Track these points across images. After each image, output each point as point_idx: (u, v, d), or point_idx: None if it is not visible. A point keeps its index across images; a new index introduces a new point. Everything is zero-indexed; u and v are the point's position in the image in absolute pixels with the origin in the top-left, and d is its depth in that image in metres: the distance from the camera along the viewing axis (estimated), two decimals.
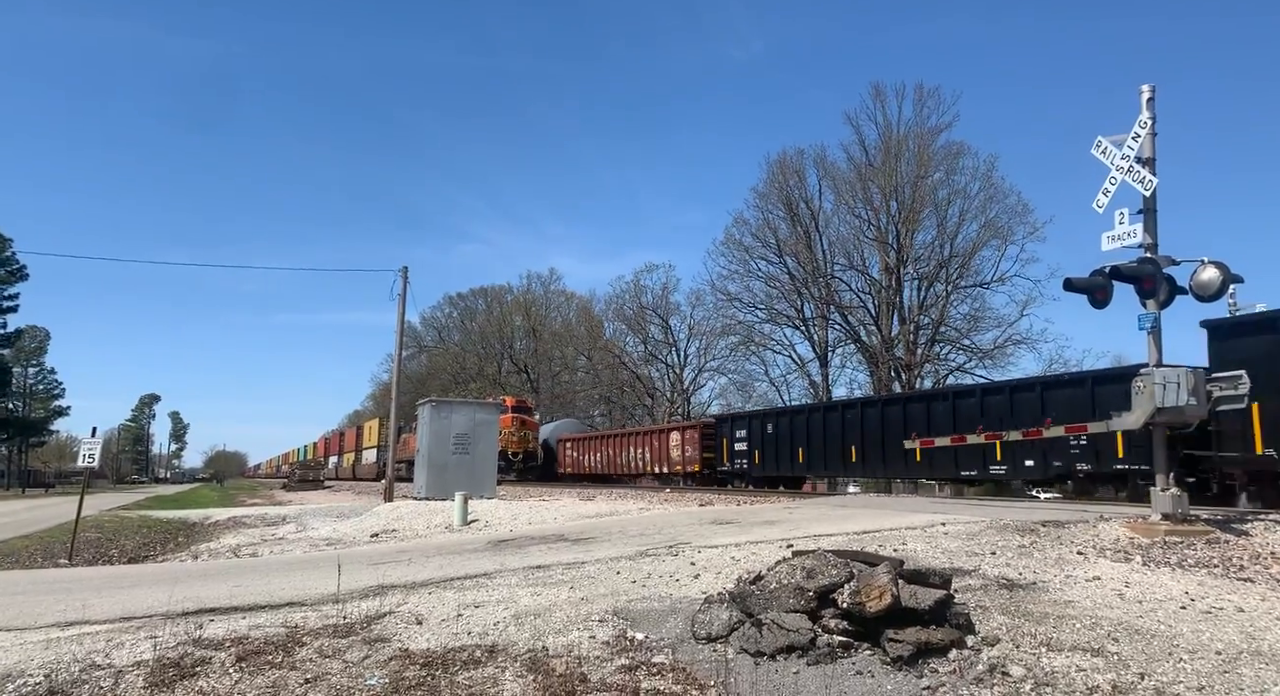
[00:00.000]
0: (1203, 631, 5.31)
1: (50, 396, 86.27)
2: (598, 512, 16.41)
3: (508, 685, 4.63)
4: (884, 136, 42.42)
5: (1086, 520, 9.34)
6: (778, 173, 45.17)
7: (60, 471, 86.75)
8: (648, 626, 5.79)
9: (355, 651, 5.36)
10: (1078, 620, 5.48)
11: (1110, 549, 8.02)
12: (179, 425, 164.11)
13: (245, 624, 6.30)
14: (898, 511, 11.72)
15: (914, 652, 4.74)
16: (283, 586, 8.11)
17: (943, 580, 5.30)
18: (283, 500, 37.94)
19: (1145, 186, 9.33)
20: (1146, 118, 9.47)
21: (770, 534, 9.77)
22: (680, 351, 56.22)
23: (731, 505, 16.05)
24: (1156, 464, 9.39)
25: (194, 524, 23.07)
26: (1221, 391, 9.05)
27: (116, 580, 9.74)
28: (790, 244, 44.45)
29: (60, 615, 6.93)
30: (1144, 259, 9.35)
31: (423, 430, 24.10)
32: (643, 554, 8.87)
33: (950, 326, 41.03)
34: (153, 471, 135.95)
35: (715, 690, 4.50)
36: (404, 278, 29.60)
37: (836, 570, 5.24)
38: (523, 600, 6.78)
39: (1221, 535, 8.42)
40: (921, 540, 8.54)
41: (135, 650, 5.56)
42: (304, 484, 51.25)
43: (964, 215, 40.29)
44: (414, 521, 17.73)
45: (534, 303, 69.57)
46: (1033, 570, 7.04)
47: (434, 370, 72.39)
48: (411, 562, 9.60)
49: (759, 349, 47.25)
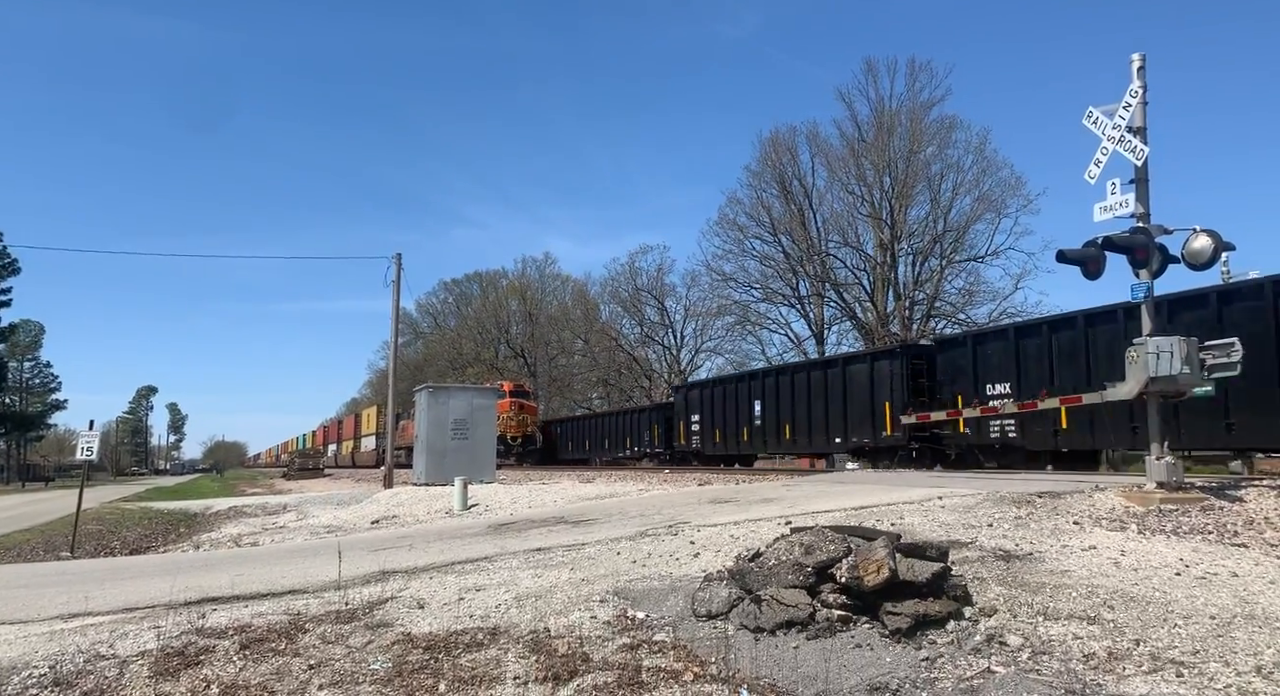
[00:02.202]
0: (1197, 597, 5.36)
1: (47, 390, 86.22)
2: (597, 494, 16.47)
3: (510, 666, 4.67)
4: (876, 112, 42.28)
5: (1082, 490, 9.40)
6: (770, 151, 45.05)
7: (59, 465, 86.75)
8: (648, 605, 5.83)
9: (358, 637, 5.40)
10: (1074, 589, 5.53)
11: (1106, 518, 8.08)
12: (177, 416, 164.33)
13: (248, 612, 6.33)
14: (895, 486, 11.78)
15: (912, 625, 4.79)
16: (284, 574, 8.15)
17: (939, 553, 5.34)
18: (283, 489, 38.03)
19: (1136, 156, 9.31)
20: (1137, 87, 9.42)
21: (769, 511, 9.82)
22: (677, 332, 56.31)
23: (730, 484, 16.12)
24: (1151, 433, 9.44)
25: (195, 514, 23.14)
26: (1214, 359, 9.08)
27: (119, 571, 9.77)
28: (784, 222, 44.37)
29: (63, 607, 6.96)
30: (1136, 229, 9.34)
31: (420, 416, 24.12)
32: (642, 534, 8.92)
33: (945, 301, 41.12)
34: (152, 463, 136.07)
35: (716, 666, 4.54)
36: (398, 264, 29.53)
37: (834, 545, 5.27)
38: (524, 582, 6.82)
39: (1216, 502, 8.48)
40: (919, 514, 8.59)
41: (139, 640, 5.59)
42: (304, 472, 51.41)
43: (957, 189, 40.27)
44: (414, 507, 17.79)
45: (529, 286, 69.43)
46: (1029, 541, 7.09)
47: (431, 356, 72.34)
48: (412, 548, 9.64)
49: (755, 328, 47.36)
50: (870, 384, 21.17)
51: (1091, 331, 15.91)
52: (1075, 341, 16.18)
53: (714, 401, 27.99)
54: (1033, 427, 16.92)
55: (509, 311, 69.71)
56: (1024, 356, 17.40)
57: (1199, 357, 9.04)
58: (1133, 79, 9.47)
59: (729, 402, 27.10)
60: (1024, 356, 17.40)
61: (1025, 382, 17.13)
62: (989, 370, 18.26)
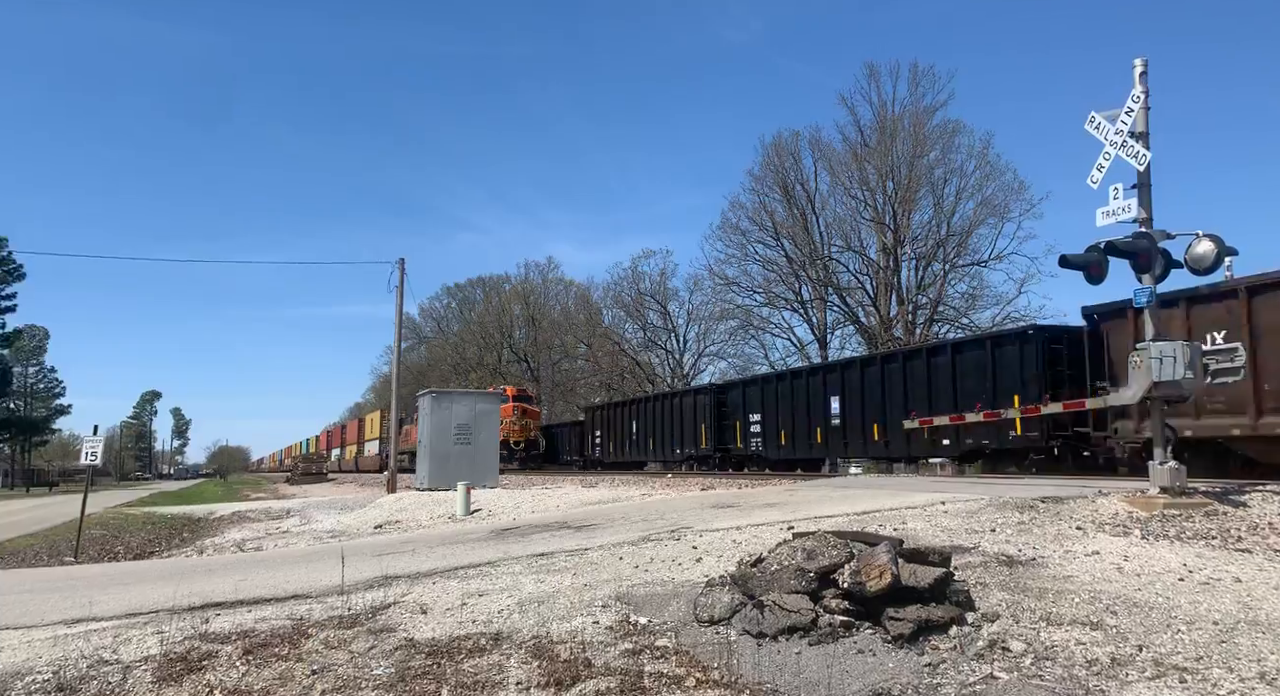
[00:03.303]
0: (1200, 602, 5.35)
1: (51, 395, 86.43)
2: (600, 499, 16.47)
3: (513, 671, 4.68)
4: (879, 116, 42.24)
5: (1085, 495, 9.39)
6: (773, 155, 45.00)
7: (63, 470, 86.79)
8: (650, 610, 5.83)
9: (361, 642, 5.40)
10: (1077, 594, 5.52)
11: (1109, 523, 8.06)
12: (181, 421, 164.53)
13: (251, 617, 6.34)
14: (898, 491, 11.77)
15: (915, 630, 4.78)
16: (287, 579, 8.16)
17: (942, 558, 5.34)
18: (286, 494, 38.08)
19: (1139, 161, 9.31)
20: (1139, 92, 9.43)
21: (771, 516, 9.81)
22: (679, 337, 56.26)
23: (733, 488, 16.11)
24: (1155, 437, 9.42)
25: (198, 519, 23.17)
26: (1218, 364, 9.07)
27: (122, 577, 9.79)
28: (787, 227, 44.33)
29: (67, 612, 6.98)
30: (1139, 233, 9.33)
31: (424, 421, 24.15)
32: (645, 539, 8.92)
33: (948, 305, 41.03)
34: (156, 468, 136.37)
35: (718, 672, 4.54)
36: (401, 269, 29.61)
37: (837, 550, 5.27)
38: (526, 587, 6.82)
39: (1219, 507, 8.46)
40: (921, 519, 8.59)
41: (142, 645, 5.60)
42: (307, 477, 51.53)
43: (960, 194, 40.21)
44: (417, 512, 17.80)
45: (532, 291, 69.51)
46: (1032, 546, 7.08)
47: (434, 361, 72.42)
48: (415, 553, 9.65)
49: (758, 332, 47.28)
50: (991, 373, 17.37)
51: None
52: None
53: (778, 398, 24.85)
54: None
55: (512, 316, 69.77)
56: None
57: (1202, 362, 9.03)
58: (1135, 84, 9.48)
59: (798, 399, 23.72)
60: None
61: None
62: None
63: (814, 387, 23.17)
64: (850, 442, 21.89)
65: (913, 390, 19.54)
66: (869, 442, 21.05)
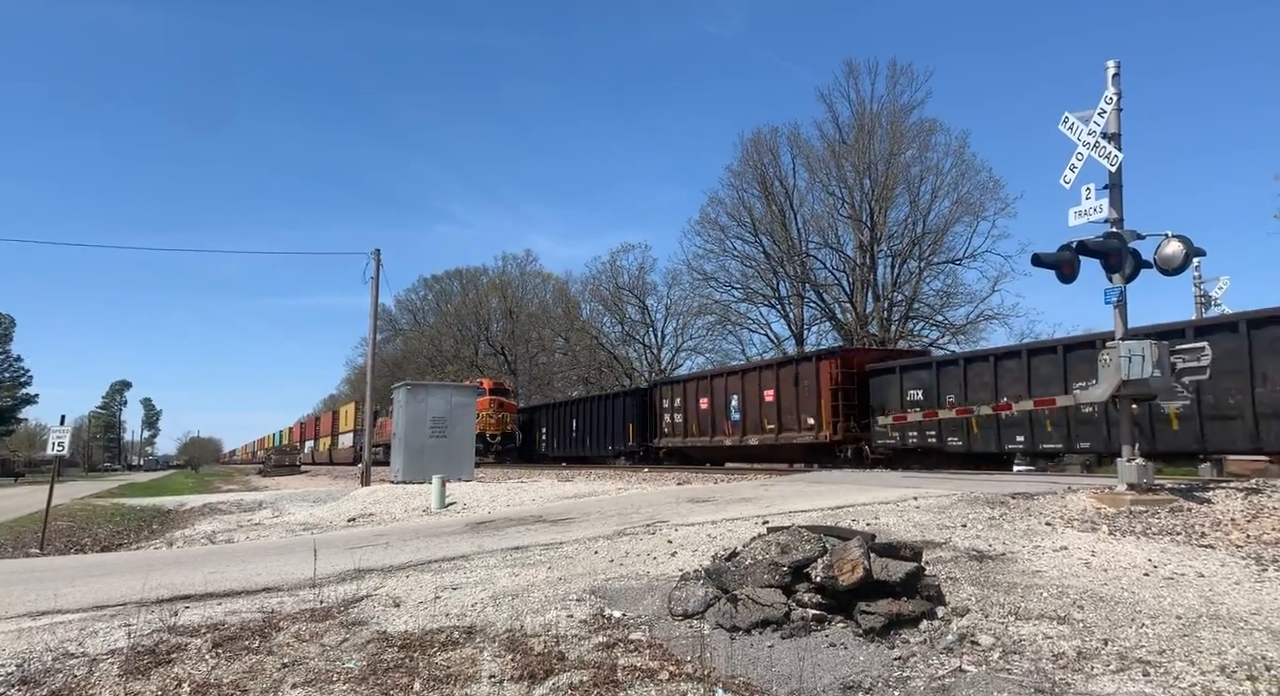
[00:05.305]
0: (1164, 597, 5.45)
1: (17, 384, 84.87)
2: (576, 493, 16.46)
3: (486, 665, 4.67)
4: (857, 114, 42.49)
5: (1055, 492, 9.53)
6: (752, 151, 45.14)
7: (30, 460, 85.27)
8: (625, 604, 5.84)
9: (333, 635, 5.36)
10: (1045, 589, 5.60)
11: (1077, 519, 8.19)
12: (151, 412, 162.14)
13: (221, 610, 6.28)
14: (872, 486, 11.87)
15: (886, 624, 4.83)
16: (259, 572, 8.08)
17: (914, 553, 5.39)
18: (259, 485, 37.66)
19: (1111, 161, 9.44)
20: (1112, 93, 9.56)
21: (746, 511, 9.86)
22: (658, 331, 56.32)
23: (709, 483, 16.17)
24: (1123, 435, 9.58)
25: (168, 511, 22.85)
26: (1185, 363, 9.23)
27: (89, 569, 9.65)
28: (765, 223, 44.51)
29: (32, 605, 6.87)
30: (1110, 233, 9.47)
31: (399, 414, 23.98)
32: (620, 533, 8.93)
33: (923, 303, 41.43)
34: (125, 459, 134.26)
35: (691, 665, 4.55)
36: (377, 260, 29.31)
37: (810, 545, 5.31)
38: (501, 581, 6.81)
39: (1184, 503, 8.62)
40: (894, 514, 8.67)
41: (109, 638, 5.53)
42: (280, 469, 50.93)
43: (936, 192, 40.57)
44: (391, 505, 17.70)
45: (510, 284, 69.17)
46: (1002, 541, 7.18)
47: (410, 353, 71.86)
48: (389, 546, 9.59)
49: (735, 328, 47.50)
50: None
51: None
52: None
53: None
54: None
55: (489, 308, 69.37)
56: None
57: (1170, 361, 9.19)
58: (1107, 86, 9.61)
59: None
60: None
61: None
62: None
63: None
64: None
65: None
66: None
